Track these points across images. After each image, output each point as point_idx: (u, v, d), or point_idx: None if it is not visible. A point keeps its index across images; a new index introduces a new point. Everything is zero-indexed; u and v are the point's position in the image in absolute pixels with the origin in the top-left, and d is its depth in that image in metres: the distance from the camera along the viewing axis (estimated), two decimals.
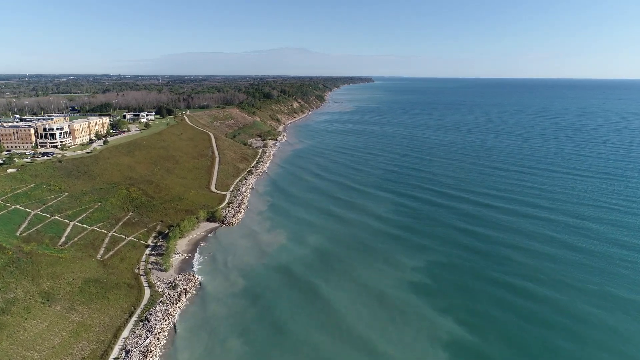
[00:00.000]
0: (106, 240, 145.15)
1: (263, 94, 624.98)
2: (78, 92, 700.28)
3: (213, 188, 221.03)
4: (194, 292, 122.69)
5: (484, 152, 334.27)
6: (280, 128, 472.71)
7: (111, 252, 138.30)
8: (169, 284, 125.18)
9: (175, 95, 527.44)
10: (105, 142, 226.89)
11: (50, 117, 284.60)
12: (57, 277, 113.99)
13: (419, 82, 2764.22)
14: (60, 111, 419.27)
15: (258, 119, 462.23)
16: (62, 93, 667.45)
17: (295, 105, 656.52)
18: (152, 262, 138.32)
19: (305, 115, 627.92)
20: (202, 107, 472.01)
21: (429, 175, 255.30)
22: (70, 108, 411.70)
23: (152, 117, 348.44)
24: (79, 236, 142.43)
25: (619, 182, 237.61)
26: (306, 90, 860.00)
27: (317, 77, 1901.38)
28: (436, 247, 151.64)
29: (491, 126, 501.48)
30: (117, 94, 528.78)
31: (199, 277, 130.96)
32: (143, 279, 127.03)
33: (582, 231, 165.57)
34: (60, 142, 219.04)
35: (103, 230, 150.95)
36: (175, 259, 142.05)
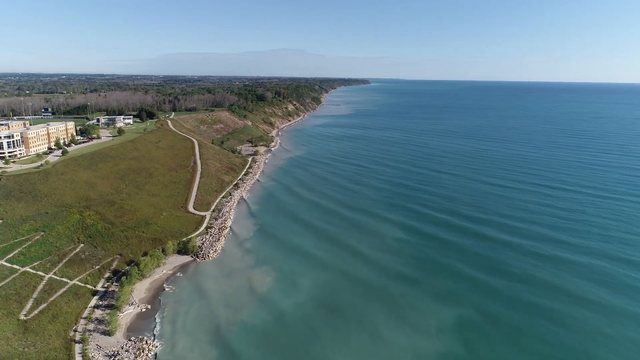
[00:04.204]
0: (39, 288, 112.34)
1: (256, 96, 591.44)
2: (65, 92, 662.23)
3: (191, 207, 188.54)
4: None
5: (494, 163, 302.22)
6: (274, 133, 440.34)
7: (42, 306, 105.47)
8: (111, 357, 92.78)
9: (161, 97, 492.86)
10: (63, 153, 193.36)
11: (4, 122, 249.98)
12: None
13: (416, 85, 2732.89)
14: (34, 113, 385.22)
15: (249, 123, 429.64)
16: (48, 93, 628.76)
17: (290, 107, 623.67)
18: (96, 319, 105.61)
19: (300, 118, 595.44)
20: (189, 110, 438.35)
21: (435, 197, 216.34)
22: (44, 110, 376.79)
23: (130, 121, 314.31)
24: (2, 283, 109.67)
25: None
26: (302, 92, 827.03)
27: (313, 78, 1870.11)
28: (441, 311, 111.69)
29: (496, 132, 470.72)
30: (99, 95, 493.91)
31: (155, 343, 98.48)
32: (77, 348, 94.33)
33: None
34: (9, 152, 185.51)
35: (38, 272, 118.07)
36: (128, 314, 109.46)
